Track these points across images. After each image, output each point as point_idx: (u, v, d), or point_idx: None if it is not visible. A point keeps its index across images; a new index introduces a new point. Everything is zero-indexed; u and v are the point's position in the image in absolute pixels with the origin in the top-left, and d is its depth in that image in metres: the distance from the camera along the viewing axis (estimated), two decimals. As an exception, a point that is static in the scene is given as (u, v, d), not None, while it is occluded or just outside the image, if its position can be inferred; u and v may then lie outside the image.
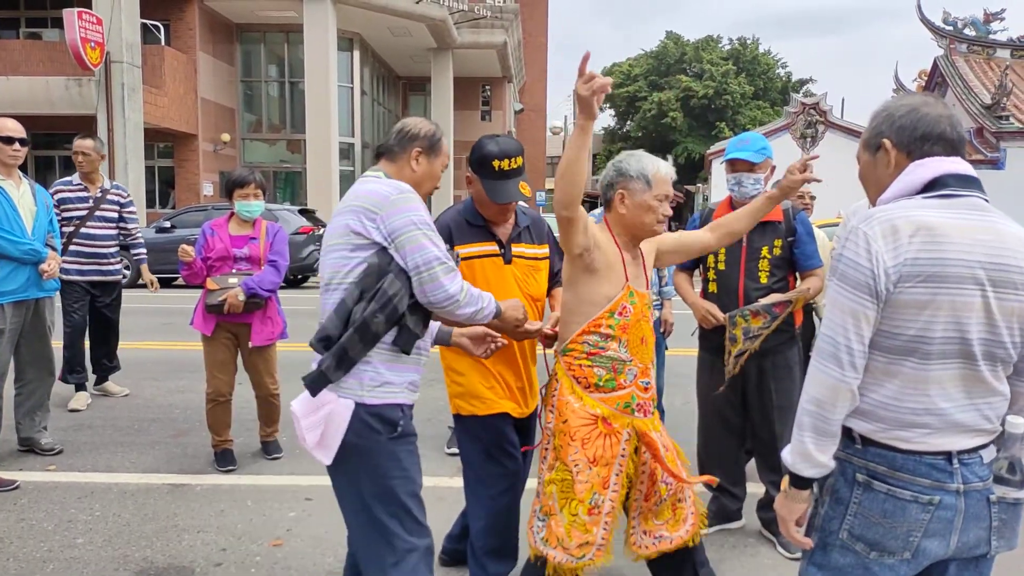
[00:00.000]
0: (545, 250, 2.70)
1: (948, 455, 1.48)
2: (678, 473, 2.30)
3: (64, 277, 4.91)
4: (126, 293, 5.38)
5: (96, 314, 5.22)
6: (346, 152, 21.49)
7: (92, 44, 15.06)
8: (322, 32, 18.79)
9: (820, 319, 4.07)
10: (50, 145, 19.44)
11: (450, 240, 2.50)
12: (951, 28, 22.40)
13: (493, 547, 2.57)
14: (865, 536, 1.53)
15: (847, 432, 1.56)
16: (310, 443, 1.96)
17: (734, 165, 3.22)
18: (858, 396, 1.52)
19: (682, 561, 2.39)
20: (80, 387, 5.26)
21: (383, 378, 1.98)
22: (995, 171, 18.76)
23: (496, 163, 2.43)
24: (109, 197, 5.18)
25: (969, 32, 22.32)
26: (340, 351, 1.91)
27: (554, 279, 2.76)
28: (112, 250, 5.19)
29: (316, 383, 1.94)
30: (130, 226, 5.31)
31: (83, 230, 5.03)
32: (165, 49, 18.87)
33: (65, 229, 4.95)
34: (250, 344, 4.05)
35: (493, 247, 2.53)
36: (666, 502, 2.34)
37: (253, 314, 4.02)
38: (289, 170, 22.96)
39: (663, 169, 2.28)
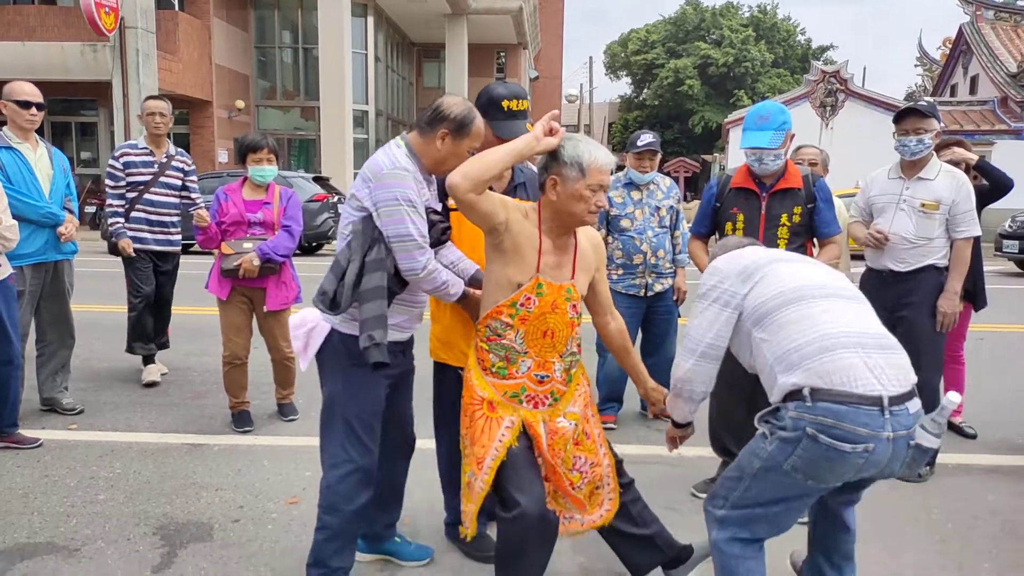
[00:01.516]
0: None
1: (880, 405, 1.84)
2: (595, 459, 2.34)
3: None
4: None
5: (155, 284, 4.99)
6: (360, 119, 21.42)
7: (107, 9, 15.02)
8: (336, -3, 18.62)
9: None
10: (66, 111, 19.51)
11: (446, 194, 2.56)
12: (978, -6, 21.82)
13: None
14: (806, 470, 1.92)
15: (795, 394, 1.92)
16: (295, 349, 2.43)
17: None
18: (713, 380, 2.25)
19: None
20: (149, 359, 5.06)
21: (351, 315, 2.30)
22: (1018, 141, 18.42)
23: (505, 103, 2.51)
24: (174, 164, 4.95)
25: (997, -2, 21.74)
26: (376, 320, 2.23)
27: None
28: (174, 218, 4.96)
29: (383, 354, 2.26)
30: (193, 195, 5.03)
31: (146, 196, 4.82)
32: (179, 15, 18.81)
33: (129, 194, 4.79)
34: (265, 308, 4.09)
35: None
36: (581, 490, 2.32)
37: (268, 279, 4.06)
38: (303, 137, 22.96)
39: (600, 158, 2.15)
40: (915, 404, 1.90)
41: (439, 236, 2.34)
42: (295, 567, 2.68)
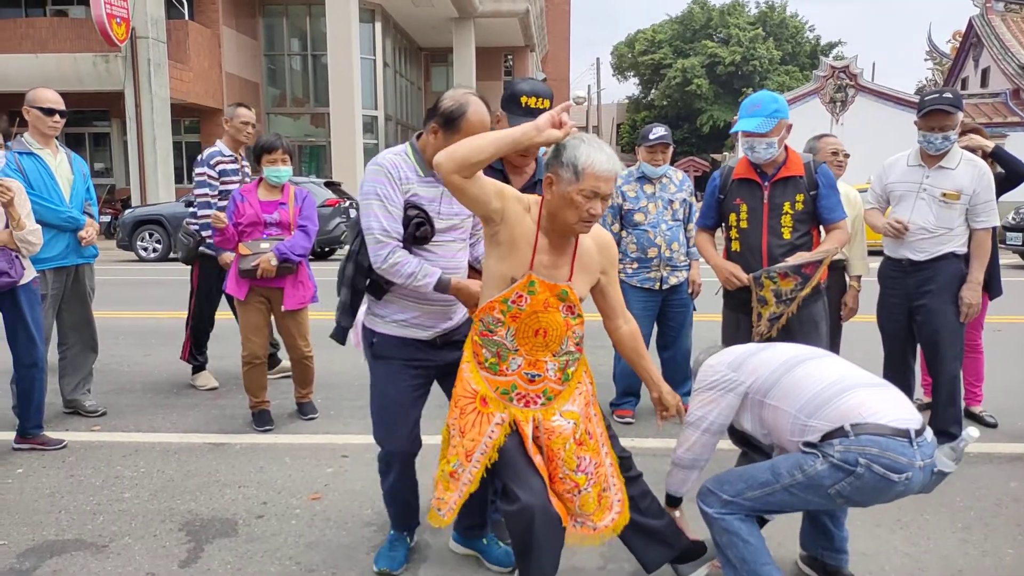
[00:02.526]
0: None
1: (908, 437, 1.98)
2: (597, 459, 2.27)
3: (213, 253, 4.58)
4: (164, 264, 5.26)
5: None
6: (369, 125, 21.50)
7: (118, 20, 15.20)
8: (344, 4, 18.72)
9: (849, 273, 4.05)
10: (79, 122, 19.72)
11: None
12: (988, -14, 21.67)
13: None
14: (851, 495, 2.03)
15: (836, 432, 2.03)
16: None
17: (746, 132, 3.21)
18: (712, 450, 2.41)
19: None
20: (201, 367, 5.02)
21: (370, 310, 2.54)
22: (1032, 133, 18.26)
23: (524, 99, 2.47)
24: (246, 168, 4.83)
25: (1007, -11, 21.59)
26: (341, 306, 2.55)
27: None
28: None
29: (338, 335, 2.61)
30: None
31: None
32: (189, 24, 18.97)
33: (220, 203, 4.54)
34: (283, 308, 4.13)
35: None
36: (588, 492, 2.24)
37: (285, 278, 4.10)
38: (314, 144, 23.07)
39: (599, 163, 1.99)
40: (930, 434, 2.06)
41: (414, 232, 2.33)
42: (320, 560, 2.70)
